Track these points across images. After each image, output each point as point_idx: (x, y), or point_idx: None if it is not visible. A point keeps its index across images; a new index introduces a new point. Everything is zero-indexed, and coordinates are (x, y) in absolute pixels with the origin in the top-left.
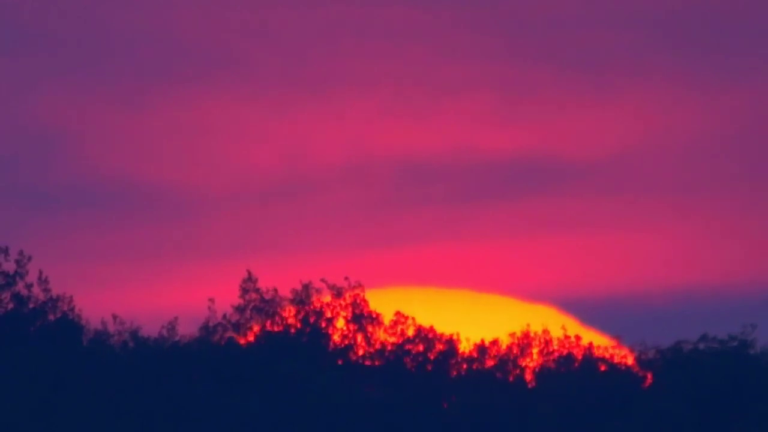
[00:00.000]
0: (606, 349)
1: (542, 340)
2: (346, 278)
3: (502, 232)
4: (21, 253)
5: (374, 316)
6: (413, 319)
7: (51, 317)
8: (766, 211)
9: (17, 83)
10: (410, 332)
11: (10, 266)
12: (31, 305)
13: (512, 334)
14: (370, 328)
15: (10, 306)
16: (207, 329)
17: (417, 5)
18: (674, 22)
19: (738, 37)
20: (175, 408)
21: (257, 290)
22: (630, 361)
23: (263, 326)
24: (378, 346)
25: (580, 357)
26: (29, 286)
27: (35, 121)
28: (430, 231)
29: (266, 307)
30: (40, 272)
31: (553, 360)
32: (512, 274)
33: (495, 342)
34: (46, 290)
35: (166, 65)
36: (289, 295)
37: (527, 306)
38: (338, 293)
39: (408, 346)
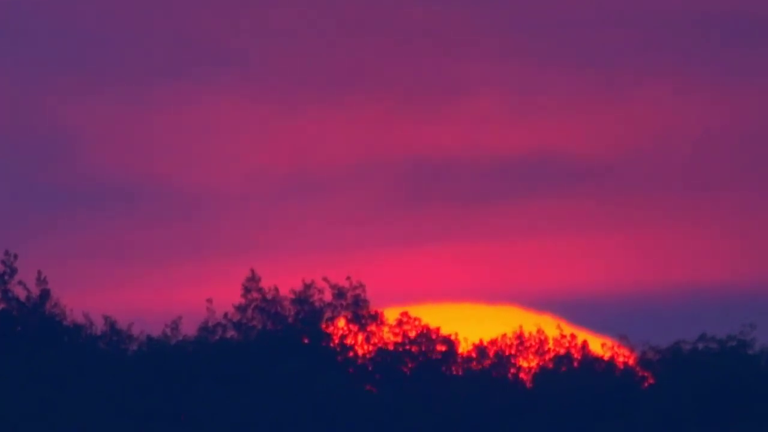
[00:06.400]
0: (606, 349)
1: (537, 340)
2: (348, 278)
3: (512, 233)
4: (7, 252)
5: (375, 315)
6: (419, 320)
7: (48, 317)
8: (766, 211)
9: (21, 82)
10: (413, 333)
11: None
12: (26, 305)
13: (505, 336)
14: (372, 328)
15: (2, 305)
16: (206, 329)
17: (427, 5)
18: (683, 21)
19: (746, 36)
20: (175, 408)
21: (259, 289)
22: (630, 361)
23: (264, 325)
24: (380, 345)
25: (579, 357)
26: (23, 285)
27: (39, 120)
28: (440, 231)
29: (267, 306)
30: (39, 272)
31: (552, 360)
32: (516, 275)
33: (494, 342)
34: (44, 290)
35: (172, 64)
36: (291, 295)
37: (527, 312)
38: (340, 293)
39: (409, 347)
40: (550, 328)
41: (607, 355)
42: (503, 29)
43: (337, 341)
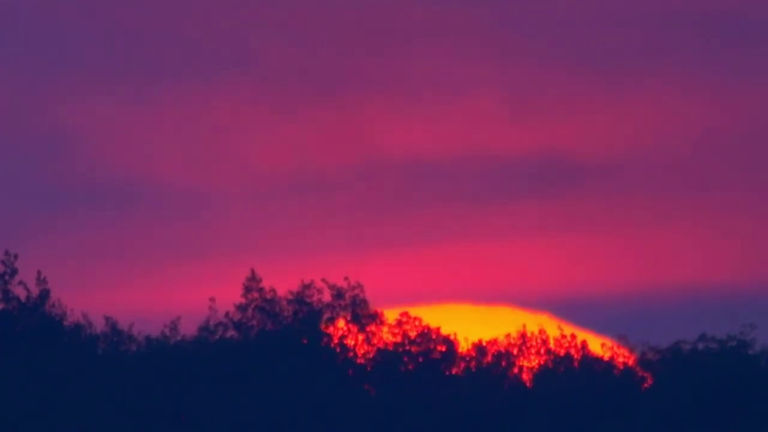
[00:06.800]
0: (606, 349)
1: (538, 340)
2: (346, 278)
3: (512, 233)
4: (7, 252)
5: (375, 315)
6: (419, 320)
7: (48, 317)
8: (767, 211)
9: (21, 82)
10: (413, 333)
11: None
12: (26, 305)
13: (508, 335)
14: (371, 328)
15: (2, 305)
16: (207, 329)
17: (427, 5)
18: (683, 21)
19: (746, 36)
20: (175, 408)
21: (260, 289)
22: (630, 361)
23: (264, 325)
24: (379, 345)
25: (579, 357)
26: (23, 285)
27: (39, 120)
28: (439, 231)
29: (267, 306)
30: (39, 272)
31: (552, 360)
32: (516, 276)
33: (494, 341)
34: (44, 290)
35: (172, 64)
36: (290, 295)
37: (526, 313)
38: (338, 293)
39: (409, 347)
40: (551, 328)
41: (606, 356)
42: (503, 29)
43: (336, 341)
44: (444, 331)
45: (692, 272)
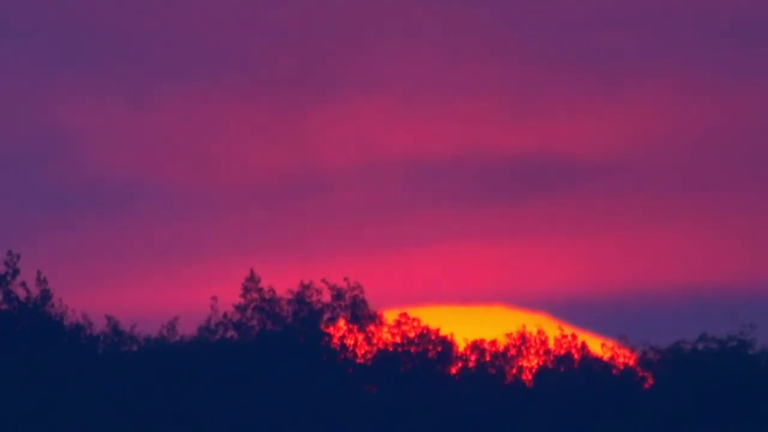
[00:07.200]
0: (606, 349)
1: (538, 341)
2: (346, 278)
3: (511, 233)
4: (10, 252)
5: (375, 315)
6: (418, 320)
7: (48, 317)
8: (767, 211)
9: (21, 82)
10: (412, 334)
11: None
12: (27, 305)
13: (509, 335)
14: (371, 328)
15: (3, 306)
16: (207, 329)
17: (427, 5)
18: (683, 21)
19: (746, 36)
20: (175, 408)
21: (259, 290)
22: (630, 361)
23: (264, 326)
24: (380, 345)
25: (579, 357)
26: (24, 285)
27: (39, 120)
28: (439, 231)
29: (267, 306)
30: (39, 272)
31: (552, 360)
32: (516, 276)
33: (493, 342)
34: (44, 290)
35: (173, 64)
36: (290, 295)
37: (525, 314)
38: (338, 294)
39: (408, 347)
40: (551, 328)
41: (606, 356)
42: (503, 29)
43: (336, 341)
44: (443, 331)
45: (692, 272)
